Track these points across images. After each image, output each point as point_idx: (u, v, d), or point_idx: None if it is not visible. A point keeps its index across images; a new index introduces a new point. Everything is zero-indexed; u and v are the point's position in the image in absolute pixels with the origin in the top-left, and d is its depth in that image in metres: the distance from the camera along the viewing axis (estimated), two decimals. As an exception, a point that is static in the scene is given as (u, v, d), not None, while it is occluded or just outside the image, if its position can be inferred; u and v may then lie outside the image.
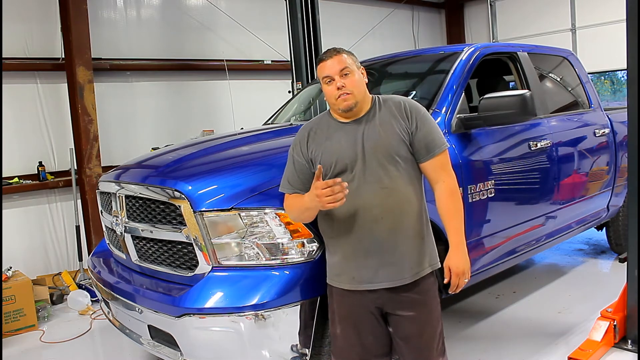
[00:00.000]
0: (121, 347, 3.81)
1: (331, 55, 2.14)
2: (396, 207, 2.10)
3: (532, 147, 3.57)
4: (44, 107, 5.42)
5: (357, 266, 2.13)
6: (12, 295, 4.27)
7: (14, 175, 5.17)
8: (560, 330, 3.58)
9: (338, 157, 2.11)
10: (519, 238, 3.56)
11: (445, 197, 2.18)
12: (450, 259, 2.21)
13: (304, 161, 2.18)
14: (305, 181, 2.18)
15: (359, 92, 2.13)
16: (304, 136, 2.22)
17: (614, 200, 4.57)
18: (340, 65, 2.11)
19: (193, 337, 2.39)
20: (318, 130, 2.21)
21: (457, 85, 3.30)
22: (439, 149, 2.16)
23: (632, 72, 3.09)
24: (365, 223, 2.09)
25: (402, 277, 2.12)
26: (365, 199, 2.08)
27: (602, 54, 7.69)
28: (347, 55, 2.16)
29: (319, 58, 2.19)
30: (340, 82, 2.10)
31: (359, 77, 2.15)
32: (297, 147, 2.22)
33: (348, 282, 2.16)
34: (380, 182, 2.08)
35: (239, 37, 6.80)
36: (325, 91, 2.16)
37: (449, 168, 2.22)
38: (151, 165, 3.09)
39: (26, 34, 5.30)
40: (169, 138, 6.05)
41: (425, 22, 9.47)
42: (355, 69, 2.15)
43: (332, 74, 2.11)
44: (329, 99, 2.16)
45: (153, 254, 2.73)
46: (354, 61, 2.17)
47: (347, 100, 2.11)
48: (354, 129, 2.14)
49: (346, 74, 2.11)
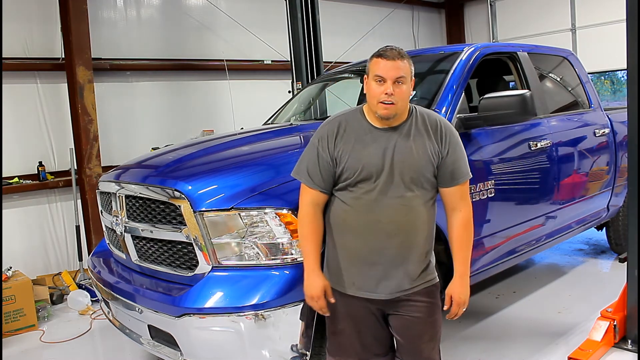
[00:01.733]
0: (121, 347, 3.81)
1: (394, 57, 2.03)
2: (412, 225, 2.08)
3: (532, 147, 3.57)
4: (44, 107, 5.42)
5: (359, 273, 2.12)
6: (12, 295, 4.27)
7: (14, 175, 5.16)
8: (560, 330, 3.58)
9: (365, 163, 2.05)
10: (519, 238, 3.56)
11: (460, 227, 2.17)
12: (453, 287, 2.19)
13: (328, 158, 2.10)
14: (326, 178, 2.11)
15: (403, 104, 2.06)
16: (332, 131, 2.13)
17: (614, 200, 4.57)
18: (399, 72, 2.02)
19: (193, 337, 2.39)
20: (348, 128, 2.12)
21: (457, 85, 3.30)
22: (463, 179, 2.14)
23: (632, 72, 3.09)
24: (378, 236, 2.07)
25: (402, 289, 2.12)
26: (383, 213, 2.05)
27: (602, 54, 7.69)
28: (408, 62, 2.06)
29: (378, 52, 2.07)
30: (391, 89, 2.00)
31: (408, 88, 2.07)
32: (324, 141, 2.12)
33: (348, 287, 2.15)
34: (401, 198, 2.05)
35: (239, 37, 6.80)
36: (370, 87, 2.06)
37: (468, 198, 2.20)
38: (151, 165, 3.09)
39: (26, 34, 5.30)
40: (169, 138, 6.05)
41: (425, 22, 9.47)
42: (409, 79, 2.07)
43: (387, 77, 2.01)
44: (370, 98, 2.06)
45: (153, 254, 2.73)
46: (411, 71, 2.08)
47: (388, 109, 2.03)
48: (386, 138, 2.07)
49: (400, 82, 2.02)
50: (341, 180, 2.09)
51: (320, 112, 4.64)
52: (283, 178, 2.51)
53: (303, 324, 2.36)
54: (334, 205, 2.15)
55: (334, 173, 2.10)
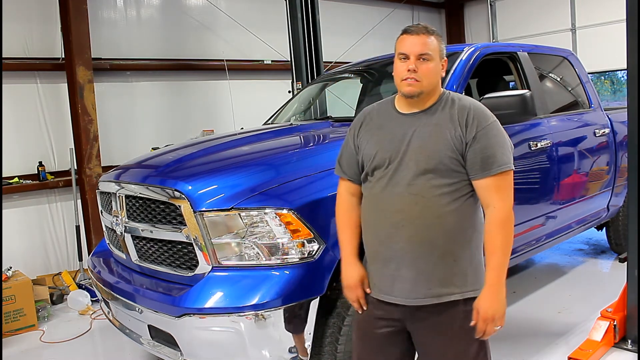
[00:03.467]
0: (121, 347, 3.81)
1: (419, 32, 1.91)
2: (421, 218, 1.86)
3: (532, 147, 3.57)
4: (44, 107, 5.42)
5: (377, 272, 1.99)
6: (12, 295, 4.27)
7: (14, 175, 5.16)
8: (560, 330, 3.58)
9: (379, 149, 1.94)
10: (519, 238, 3.55)
11: (492, 226, 1.86)
12: (481, 300, 1.86)
13: (352, 145, 2.06)
14: (350, 165, 2.06)
15: (428, 82, 1.90)
16: (359, 119, 2.08)
17: (614, 200, 4.57)
18: (422, 48, 1.88)
19: (193, 337, 2.39)
20: (374, 116, 2.05)
21: (457, 85, 3.30)
22: (497, 169, 1.85)
23: (632, 72, 3.09)
24: (386, 227, 1.92)
25: (418, 296, 1.90)
26: (390, 202, 1.90)
27: (602, 54, 7.69)
28: (436, 39, 1.93)
29: (405, 28, 1.96)
30: (413, 65, 1.87)
31: (435, 66, 1.92)
32: (352, 130, 2.08)
33: (371, 287, 2.02)
34: (410, 186, 1.87)
35: (239, 37, 6.80)
36: (395, 67, 1.95)
37: (506, 194, 1.88)
38: (151, 165, 3.09)
39: (26, 34, 5.30)
40: (169, 138, 6.05)
41: (426, 22, 9.43)
42: (436, 57, 1.92)
43: (410, 53, 1.89)
44: (396, 76, 1.95)
45: (153, 254, 2.73)
46: (439, 49, 1.93)
47: (412, 86, 1.89)
48: (409, 123, 1.94)
49: (424, 59, 1.89)
50: (363, 169, 2.02)
51: (320, 112, 4.64)
52: (283, 178, 2.51)
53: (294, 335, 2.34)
54: (362, 202, 2.07)
55: (357, 162, 2.04)
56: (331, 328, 2.46)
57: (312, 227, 2.36)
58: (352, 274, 2.04)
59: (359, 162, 2.04)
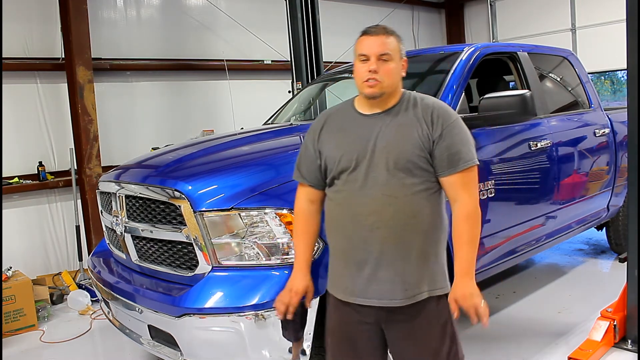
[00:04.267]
0: (121, 347, 3.81)
1: (378, 33, 1.91)
2: (396, 219, 1.87)
3: (532, 147, 3.57)
4: (44, 107, 5.42)
5: (350, 276, 1.96)
6: (12, 295, 4.27)
7: (14, 175, 5.16)
8: (560, 330, 3.58)
9: (345, 152, 1.92)
10: (519, 238, 3.56)
11: (460, 220, 1.91)
12: (455, 290, 1.91)
13: (312, 149, 2.03)
14: (310, 170, 2.04)
15: (389, 83, 1.90)
16: (319, 123, 2.06)
17: (614, 200, 4.57)
18: (382, 48, 1.88)
19: (193, 337, 2.39)
20: (335, 119, 2.03)
21: (457, 85, 3.30)
22: (463, 165, 1.89)
23: (632, 72, 3.09)
24: (360, 230, 1.90)
25: (394, 298, 1.91)
26: (363, 204, 1.88)
27: (602, 54, 7.69)
28: (396, 39, 1.93)
29: (364, 30, 1.96)
30: (374, 66, 1.87)
31: (396, 67, 1.92)
32: (311, 134, 2.06)
33: (342, 292, 2.00)
34: (383, 187, 1.86)
35: (239, 37, 6.80)
36: (355, 69, 1.95)
37: (472, 188, 1.93)
38: (151, 165, 3.09)
39: (26, 34, 5.30)
40: (169, 138, 6.05)
41: (425, 22, 9.47)
42: (396, 57, 1.92)
43: (370, 53, 1.88)
44: (356, 78, 1.95)
45: (153, 254, 2.73)
46: (399, 49, 1.94)
47: (373, 87, 1.88)
48: (372, 124, 1.93)
49: (384, 59, 1.89)
50: (327, 174, 1.99)
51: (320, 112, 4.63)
52: (283, 178, 2.51)
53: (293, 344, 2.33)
54: (326, 205, 2.05)
55: (319, 166, 2.01)
56: (331, 328, 2.46)
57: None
58: (301, 282, 2.09)
59: (320, 166, 2.01)
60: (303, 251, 2.11)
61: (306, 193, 2.09)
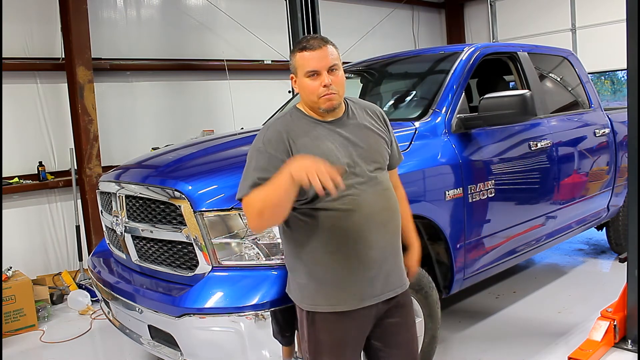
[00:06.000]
0: (121, 347, 3.81)
1: (319, 45, 1.89)
2: (396, 208, 2.05)
3: (532, 147, 3.57)
4: (44, 107, 5.42)
5: (362, 280, 1.93)
6: (12, 295, 4.27)
7: (14, 175, 5.16)
8: (560, 330, 3.58)
9: (334, 160, 1.85)
10: (519, 238, 3.56)
11: (404, 201, 2.23)
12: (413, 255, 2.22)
13: (285, 157, 1.84)
14: None
15: (343, 91, 1.95)
16: (280, 138, 1.88)
17: (614, 200, 4.57)
18: (329, 60, 1.88)
19: (193, 337, 2.39)
20: (298, 131, 1.91)
21: (457, 85, 3.30)
22: (401, 159, 2.23)
23: (632, 72, 3.09)
24: (375, 230, 1.93)
25: (403, 284, 2.06)
26: (372, 203, 1.92)
27: (602, 54, 7.69)
28: (334, 47, 1.94)
29: (301, 46, 1.92)
30: (328, 80, 1.87)
31: (343, 74, 1.95)
32: (274, 143, 1.87)
33: (350, 301, 1.94)
34: (380, 184, 1.98)
35: (239, 37, 6.80)
36: (305, 86, 1.91)
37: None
38: (151, 165, 3.09)
39: (26, 34, 5.30)
40: (169, 138, 6.05)
41: (425, 22, 9.47)
42: (340, 64, 1.94)
43: (320, 68, 1.88)
44: (309, 95, 1.91)
45: (153, 254, 2.73)
46: (339, 55, 1.96)
47: (332, 100, 1.90)
48: (340, 129, 1.95)
49: (334, 69, 1.89)
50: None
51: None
52: (283, 178, 2.50)
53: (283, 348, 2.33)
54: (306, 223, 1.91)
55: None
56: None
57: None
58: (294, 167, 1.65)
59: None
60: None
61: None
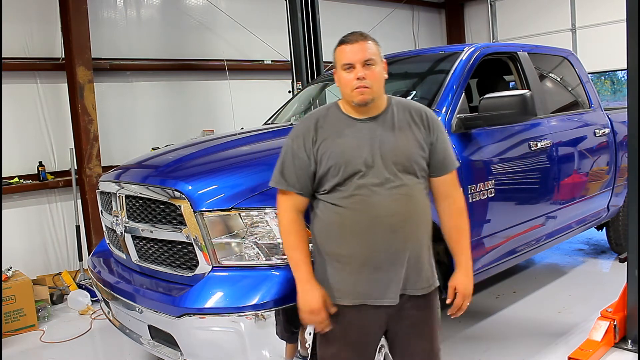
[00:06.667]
0: (121, 347, 3.81)
1: (357, 39, 1.93)
2: (415, 215, 1.96)
3: (532, 147, 3.57)
4: (44, 107, 5.42)
5: (364, 281, 1.96)
6: (12, 295, 4.27)
7: (14, 175, 5.16)
8: (560, 330, 3.58)
9: (350, 157, 1.91)
10: (519, 238, 3.56)
11: (456, 215, 2.09)
12: (457, 279, 2.09)
13: (305, 156, 1.97)
14: (301, 179, 1.98)
15: (378, 87, 1.95)
16: (308, 129, 1.99)
17: (614, 200, 4.57)
18: (365, 54, 1.91)
19: (193, 337, 2.39)
20: (326, 124, 1.99)
21: (457, 85, 3.30)
22: (453, 166, 2.08)
23: (632, 72, 3.09)
24: (381, 233, 1.92)
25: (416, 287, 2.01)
26: (383, 206, 1.91)
27: (602, 54, 7.69)
28: (374, 43, 1.97)
29: (341, 39, 1.97)
30: (362, 73, 1.90)
31: (380, 70, 1.96)
32: (300, 139, 1.99)
33: (352, 296, 1.98)
34: (398, 188, 1.92)
35: (239, 37, 6.80)
36: (341, 79, 1.96)
37: (459, 186, 2.13)
38: (151, 165, 3.09)
39: (26, 34, 5.30)
40: (169, 138, 6.05)
41: (425, 22, 9.47)
42: (379, 60, 1.96)
43: (355, 61, 1.91)
44: (344, 88, 1.96)
45: (153, 254, 2.73)
46: (379, 52, 1.97)
47: (364, 94, 1.92)
48: (369, 128, 1.96)
49: (370, 64, 1.92)
50: (326, 180, 1.95)
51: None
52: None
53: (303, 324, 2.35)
54: (322, 212, 2.00)
55: (313, 174, 1.97)
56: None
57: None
58: (315, 296, 1.97)
59: (314, 173, 1.97)
60: (304, 262, 2.00)
61: (294, 202, 2.02)
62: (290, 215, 2.03)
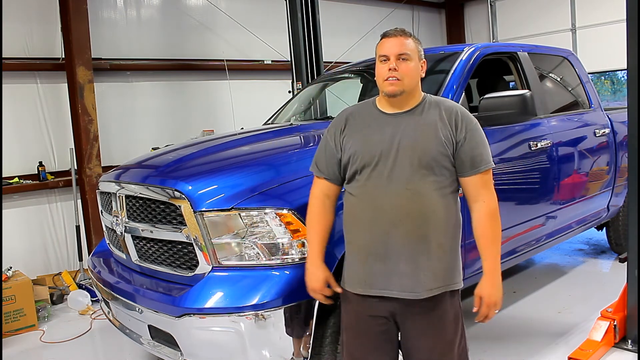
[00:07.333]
0: (121, 347, 3.81)
1: (396, 34, 2.02)
2: (418, 213, 1.94)
3: (532, 147, 3.57)
4: (44, 107, 5.42)
5: (369, 269, 2.01)
6: (12, 295, 4.27)
7: (14, 175, 5.16)
8: (560, 330, 3.58)
9: (368, 148, 1.99)
10: (519, 238, 3.56)
11: (485, 218, 2.03)
12: (483, 287, 2.05)
13: (333, 145, 2.10)
14: (329, 165, 2.11)
15: (409, 81, 1.99)
16: (341, 120, 2.13)
17: (614, 200, 4.57)
18: (401, 48, 1.99)
19: (193, 337, 2.39)
20: (357, 117, 2.10)
21: (457, 85, 3.30)
22: (484, 166, 2.01)
23: (632, 72, 3.09)
24: (383, 225, 1.96)
25: (415, 291, 1.96)
26: (386, 199, 1.95)
27: (602, 54, 7.69)
28: (413, 41, 2.04)
29: (383, 33, 2.07)
30: (394, 65, 1.97)
31: (415, 66, 2.01)
32: (332, 129, 2.13)
33: (360, 285, 2.04)
34: (407, 183, 1.93)
35: (239, 37, 6.80)
36: (376, 69, 2.04)
37: (492, 188, 2.07)
38: (151, 165, 3.09)
39: (26, 34, 5.30)
40: (169, 138, 6.05)
41: (425, 22, 9.47)
42: (415, 57, 2.02)
43: (389, 54, 1.99)
44: (378, 78, 2.04)
45: (153, 254, 2.73)
46: (417, 50, 2.04)
47: (393, 85, 1.97)
48: (395, 122, 2.01)
49: (404, 59, 1.98)
50: (347, 169, 2.05)
51: (320, 112, 4.64)
52: (283, 178, 2.51)
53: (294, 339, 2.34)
54: (344, 201, 2.10)
55: (339, 161, 2.08)
56: (331, 328, 2.46)
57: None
58: (316, 277, 2.12)
59: (340, 161, 2.08)
60: (318, 243, 2.13)
61: (323, 187, 2.15)
62: (317, 198, 2.15)
